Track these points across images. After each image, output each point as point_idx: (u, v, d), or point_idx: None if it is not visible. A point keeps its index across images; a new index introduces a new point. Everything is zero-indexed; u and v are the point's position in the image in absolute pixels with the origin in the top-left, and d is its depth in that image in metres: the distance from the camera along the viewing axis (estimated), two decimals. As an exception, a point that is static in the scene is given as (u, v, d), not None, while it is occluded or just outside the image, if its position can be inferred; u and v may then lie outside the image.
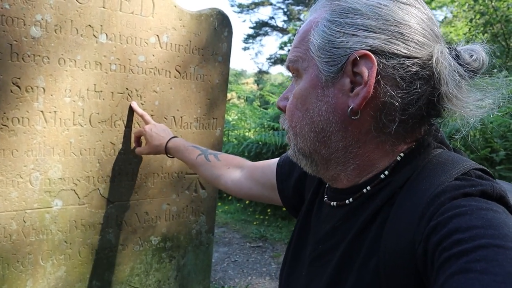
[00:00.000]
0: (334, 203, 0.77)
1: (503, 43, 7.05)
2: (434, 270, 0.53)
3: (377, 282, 0.63)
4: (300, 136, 0.73)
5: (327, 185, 0.83)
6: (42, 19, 1.57)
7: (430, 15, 0.69)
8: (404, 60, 0.64)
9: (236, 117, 7.86)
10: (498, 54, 6.73)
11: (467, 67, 0.66)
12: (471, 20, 7.91)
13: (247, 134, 7.02)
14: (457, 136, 0.73)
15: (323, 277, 0.72)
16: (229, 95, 12.73)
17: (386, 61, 0.64)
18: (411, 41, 0.65)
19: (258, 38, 24.91)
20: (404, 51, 0.64)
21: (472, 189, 0.59)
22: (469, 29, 7.90)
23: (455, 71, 0.65)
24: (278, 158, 1.11)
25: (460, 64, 0.66)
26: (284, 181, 1.04)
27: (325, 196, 0.82)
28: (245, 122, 7.40)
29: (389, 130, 0.68)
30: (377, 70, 0.64)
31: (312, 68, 0.70)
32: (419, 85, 0.65)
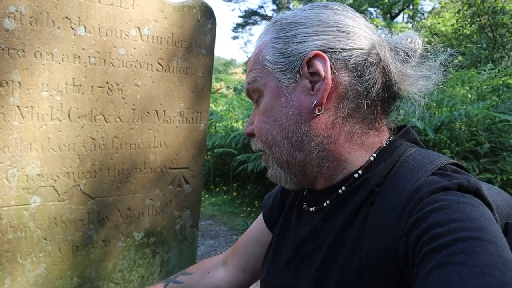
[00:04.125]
0: (313, 208, 0.78)
1: (490, 34, 7.09)
2: (415, 265, 0.53)
3: (361, 281, 0.63)
4: (274, 146, 0.75)
5: (304, 193, 0.85)
6: (16, 10, 1.52)
7: (361, 16, 0.76)
8: (352, 52, 0.70)
9: (224, 108, 7.81)
10: (485, 46, 6.77)
11: (406, 47, 0.72)
12: (458, 11, 7.93)
13: (234, 125, 6.98)
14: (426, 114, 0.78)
15: (307, 278, 0.73)
16: (217, 85, 12.63)
17: (336, 55, 0.70)
18: (353, 35, 0.71)
19: (247, 27, 24.74)
20: (350, 44, 0.70)
21: (449, 183, 0.60)
22: (457, 20, 7.93)
23: (397, 50, 0.71)
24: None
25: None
26: (271, 213, 1.00)
27: (304, 204, 0.83)
28: (232, 113, 7.36)
29: (355, 116, 0.71)
30: (331, 64, 0.69)
31: (271, 81, 0.74)
32: (371, 71, 0.70)
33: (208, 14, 2.09)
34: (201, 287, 1.06)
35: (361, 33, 0.72)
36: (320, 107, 0.70)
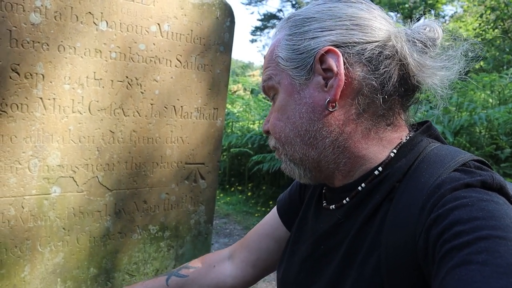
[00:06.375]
0: (333, 206, 0.77)
1: (514, 39, 6.96)
2: (436, 263, 0.52)
3: (378, 277, 0.62)
4: (287, 144, 0.75)
5: (323, 190, 0.84)
6: (41, 5, 1.56)
7: (377, 7, 0.75)
8: (366, 45, 0.68)
9: (241, 109, 7.85)
10: (508, 50, 6.64)
11: (424, 37, 0.70)
12: (481, 15, 7.80)
13: (251, 126, 7.01)
14: (436, 112, 0.76)
15: (327, 275, 0.72)
16: (235, 87, 12.68)
17: (350, 50, 0.68)
18: (367, 28, 0.69)
19: (266, 31, 24.80)
20: (364, 37, 0.69)
21: (472, 179, 0.58)
22: (479, 24, 7.80)
23: (414, 41, 0.69)
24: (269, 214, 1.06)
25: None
26: (288, 206, 1.00)
27: (324, 202, 0.82)
28: (249, 114, 7.39)
29: (371, 111, 0.70)
30: (343, 59, 0.68)
31: (285, 79, 0.74)
32: (386, 64, 0.68)
33: (227, 12, 2.11)
34: (206, 281, 1.03)
35: (375, 25, 0.70)
36: (333, 104, 0.69)
